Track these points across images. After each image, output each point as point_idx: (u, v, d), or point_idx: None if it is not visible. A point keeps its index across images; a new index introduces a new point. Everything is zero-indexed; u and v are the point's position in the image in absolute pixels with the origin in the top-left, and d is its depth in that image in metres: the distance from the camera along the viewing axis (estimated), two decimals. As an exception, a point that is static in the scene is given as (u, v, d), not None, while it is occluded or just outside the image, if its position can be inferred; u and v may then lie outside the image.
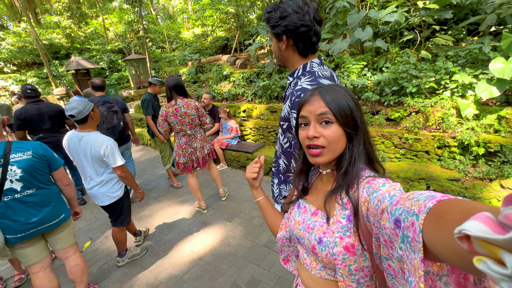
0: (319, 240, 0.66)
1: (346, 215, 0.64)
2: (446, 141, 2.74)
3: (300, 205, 0.79)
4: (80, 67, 9.66)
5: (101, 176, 2.00)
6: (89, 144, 1.89)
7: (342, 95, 0.65)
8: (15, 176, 1.47)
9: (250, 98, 5.16)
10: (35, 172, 1.54)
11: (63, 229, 1.76)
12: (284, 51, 1.09)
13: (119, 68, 14.77)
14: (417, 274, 0.40)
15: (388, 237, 0.48)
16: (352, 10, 4.10)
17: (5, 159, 1.44)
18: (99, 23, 16.45)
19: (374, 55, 4.21)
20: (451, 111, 2.80)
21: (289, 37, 1.04)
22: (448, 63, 2.99)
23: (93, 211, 3.38)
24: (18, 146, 1.51)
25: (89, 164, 1.96)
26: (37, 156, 1.55)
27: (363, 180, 0.63)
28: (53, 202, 1.66)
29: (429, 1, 3.31)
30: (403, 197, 0.46)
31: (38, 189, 1.58)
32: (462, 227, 0.25)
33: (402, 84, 3.14)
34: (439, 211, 0.36)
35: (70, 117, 1.81)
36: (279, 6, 1.01)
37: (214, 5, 8.80)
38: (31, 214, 1.55)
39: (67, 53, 14.87)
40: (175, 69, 10.07)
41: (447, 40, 3.39)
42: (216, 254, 2.39)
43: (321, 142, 0.64)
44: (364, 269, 0.64)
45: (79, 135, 1.91)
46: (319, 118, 0.64)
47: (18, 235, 1.53)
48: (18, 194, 1.51)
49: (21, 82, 12.94)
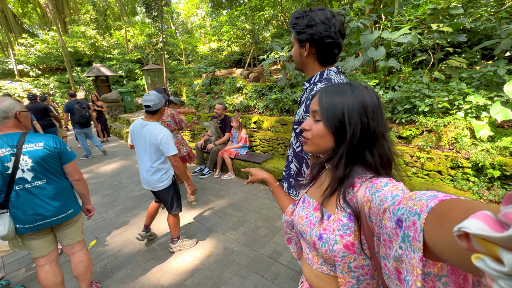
0: (320, 236, 0.67)
1: (347, 214, 0.65)
2: (459, 162, 2.69)
3: (305, 200, 0.81)
4: (101, 74, 10.12)
5: (154, 163, 2.21)
6: (149, 132, 2.13)
7: (344, 97, 0.65)
8: (26, 165, 1.52)
9: (261, 110, 5.24)
10: (45, 163, 1.57)
11: (71, 225, 1.77)
12: (304, 57, 1.12)
13: (136, 77, 15.38)
14: (415, 273, 0.40)
15: (388, 237, 0.48)
16: (365, 30, 4.22)
17: (18, 149, 1.50)
18: (121, 34, 17.37)
19: (387, 74, 4.25)
20: (465, 131, 2.77)
21: (312, 45, 1.07)
22: (462, 84, 2.99)
23: (100, 211, 3.43)
24: (31, 138, 1.57)
25: (146, 150, 2.19)
26: (48, 148, 1.59)
27: (366, 180, 0.63)
28: (62, 196, 1.67)
29: (443, 24, 3.38)
30: (405, 197, 0.46)
31: (48, 180, 1.60)
32: (461, 225, 0.26)
33: (415, 103, 3.14)
34: (441, 210, 0.37)
35: (145, 107, 2.10)
36: (308, 14, 1.04)
37: (231, 22, 9.19)
38: (39, 206, 1.57)
39: (89, 60, 15.67)
40: (189, 80, 10.41)
41: (461, 62, 3.42)
42: (220, 261, 2.35)
43: (306, 135, 0.71)
44: (364, 267, 0.64)
45: (144, 123, 2.17)
46: (313, 114, 0.70)
47: (26, 226, 1.56)
48: (28, 184, 1.54)
49: (44, 86, 13.63)
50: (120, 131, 8.02)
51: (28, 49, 15.42)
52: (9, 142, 1.49)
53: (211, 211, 3.28)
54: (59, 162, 1.66)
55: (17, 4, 19.59)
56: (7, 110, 1.52)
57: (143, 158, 2.24)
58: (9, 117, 1.53)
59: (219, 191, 3.88)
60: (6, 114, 1.52)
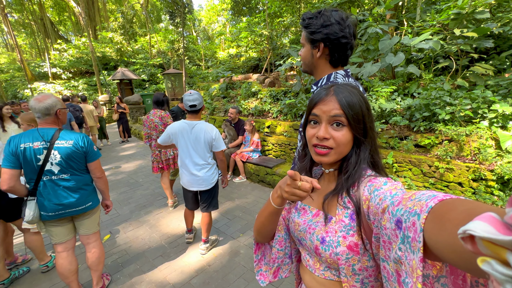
0: (322, 240, 0.65)
1: (348, 214, 0.63)
2: (482, 174, 2.52)
3: (298, 207, 0.77)
4: (125, 77, 10.66)
5: (206, 160, 2.28)
6: (202, 131, 2.19)
7: (357, 99, 0.63)
8: (55, 159, 1.66)
9: (275, 115, 5.25)
10: (71, 159, 1.71)
11: (88, 216, 1.89)
12: (316, 58, 1.09)
13: (157, 81, 16.02)
14: (414, 275, 0.39)
15: (388, 238, 0.47)
16: (384, 36, 4.13)
17: (51, 144, 1.65)
18: (146, 40, 18.25)
19: (406, 81, 4.11)
20: (489, 142, 2.60)
21: (326, 46, 1.04)
22: (487, 92, 2.82)
23: (116, 207, 3.57)
24: (64, 135, 1.71)
25: (198, 148, 2.22)
26: (76, 146, 1.71)
27: (365, 179, 0.62)
28: (83, 189, 1.80)
29: (467, 29, 3.23)
30: (405, 197, 0.46)
31: (72, 175, 1.73)
32: (467, 227, 0.25)
33: (435, 111, 3.01)
34: (441, 210, 0.36)
35: (190, 107, 2.15)
36: (323, 14, 1.02)
37: (250, 28, 9.36)
38: (62, 196, 1.71)
39: (115, 64, 16.56)
40: (207, 84, 10.67)
41: (487, 69, 3.23)
42: (226, 263, 2.36)
43: (330, 144, 0.63)
44: (368, 269, 0.62)
45: (192, 123, 2.21)
46: (331, 119, 0.63)
47: (49, 214, 1.70)
48: (54, 176, 1.68)
49: (73, 88, 14.57)
50: (140, 132, 8.35)
51: (61, 54, 16.63)
52: (44, 137, 1.64)
53: (221, 213, 3.31)
54: (84, 160, 1.79)
55: (54, 12, 21.27)
56: (50, 107, 1.65)
57: (194, 158, 2.23)
58: (50, 114, 1.67)
59: (229, 193, 3.91)
60: (48, 111, 1.65)
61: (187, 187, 2.35)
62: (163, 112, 3.38)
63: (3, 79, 15.51)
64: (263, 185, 4.19)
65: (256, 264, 0.87)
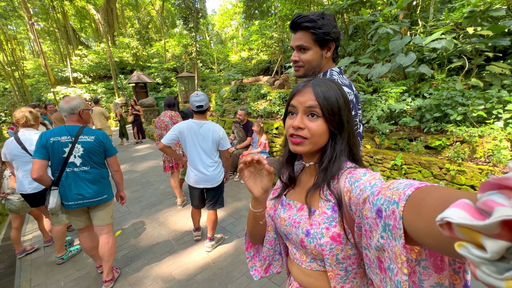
0: (307, 233, 0.67)
1: (330, 205, 0.65)
2: (496, 177, 2.42)
3: (283, 202, 0.79)
4: (140, 81, 11.05)
5: (215, 157, 2.36)
6: (210, 130, 2.27)
7: (334, 92, 0.65)
8: (78, 152, 1.86)
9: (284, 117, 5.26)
10: (91, 153, 1.91)
11: (103, 208, 2.07)
12: (325, 58, 1.13)
13: (171, 84, 16.47)
14: (399, 261, 0.41)
15: (369, 227, 0.49)
16: (395, 36, 4.05)
17: (76, 139, 1.85)
18: (161, 45, 18.82)
19: (417, 81, 4.02)
20: (503, 143, 2.49)
21: (334, 45, 1.11)
22: (502, 92, 2.72)
23: (128, 205, 3.71)
24: (87, 131, 1.91)
25: (205, 147, 2.29)
26: (97, 141, 1.92)
27: (345, 171, 0.64)
28: (100, 182, 1.99)
29: (481, 27, 3.12)
30: (383, 187, 0.47)
31: (91, 167, 1.93)
32: (444, 215, 0.26)
33: (446, 111, 2.92)
34: (417, 197, 0.38)
35: (197, 108, 2.24)
36: (325, 15, 1.06)
37: (261, 31, 9.45)
38: (82, 187, 1.90)
39: (132, 69, 17.20)
40: (219, 87, 10.85)
41: (503, 68, 3.11)
42: (230, 260, 2.40)
43: (304, 134, 0.65)
44: (351, 257, 0.64)
45: (200, 123, 2.28)
46: (307, 110, 0.65)
47: (69, 203, 1.90)
48: (76, 168, 1.88)
49: (93, 92, 15.26)
50: (153, 134, 8.61)
51: (82, 59, 17.49)
52: (70, 132, 1.86)
53: (227, 212, 3.36)
54: (103, 155, 2.00)
55: (76, 20, 22.43)
56: (74, 108, 1.88)
57: (202, 156, 2.30)
58: (74, 113, 1.89)
59: (237, 193, 3.96)
60: (73, 111, 1.88)
61: (194, 185, 2.41)
62: (173, 112, 3.52)
63: (29, 83, 16.53)
64: (270, 186, 4.21)
65: (250, 260, 0.92)
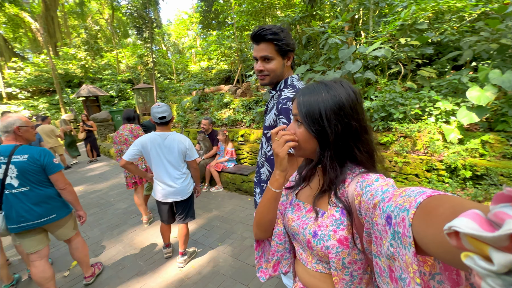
0: (314, 234, 0.66)
1: (339, 208, 0.65)
2: (434, 165, 2.82)
3: (292, 202, 0.80)
4: (91, 94, 10.19)
5: (182, 169, 2.28)
6: (176, 141, 2.19)
7: (320, 99, 0.64)
8: (13, 173, 1.74)
9: (248, 124, 5.36)
10: (26, 173, 1.77)
11: (57, 227, 1.95)
12: (286, 66, 1.25)
13: (127, 96, 15.51)
14: (410, 270, 0.39)
15: (379, 234, 0.48)
16: (343, 46, 4.49)
17: (9, 159, 1.73)
18: (113, 56, 17.70)
19: (365, 86, 4.48)
20: (436, 135, 2.92)
21: (293, 54, 1.25)
22: (431, 92, 3.19)
23: (85, 230, 3.37)
24: (22, 150, 1.75)
25: (171, 160, 2.20)
26: (31, 160, 1.77)
27: (357, 175, 0.64)
28: (44, 203, 1.85)
29: (411, 38, 3.65)
30: (395, 193, 0.47)
31: (31, 188, 1.80)
32: (452, 224, 0.25)
33: (390, 111, 3.32)
34: (428, 206, 0.37)
35: (160, 119, 2.15)
36: (283, 28, 1.19)
37: (219, 41, 9.55)
38: (23, 209, 1.78)
39: (79, 81, 15.79)
40: (180, 98, 10.57)
41: (430, 72, 3.66)
42: (204, 273, 2.34)
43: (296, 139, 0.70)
44: (358, 262, 0.64)
45: (163, 135, 2.19)
46: (295, 118, 0.70)
47: (13, 226, 1.79)
48: (14, 190, 1.76)
49: (32, 108, 13.56)
50: (109, 150, 7.97)
51: (17, 72, 15.49)
52: (3, 152, 1.73)
53: (198, 224, 3.27)
54: (42, 173, 1.82)
55: (8, 29, 19.83)
56: (7, 126, 1.77)
57: (168, 169, 2.21)
58: (9, 131, 1.78)
59: (207, 204, 3.88)
60: (6, 129, 1.77)
61: (162, 199, 2.30)
62: (133, 125, 3.33)
63: None
64: (240, 193, 4.22)
65: (257, 261, 0.89)
